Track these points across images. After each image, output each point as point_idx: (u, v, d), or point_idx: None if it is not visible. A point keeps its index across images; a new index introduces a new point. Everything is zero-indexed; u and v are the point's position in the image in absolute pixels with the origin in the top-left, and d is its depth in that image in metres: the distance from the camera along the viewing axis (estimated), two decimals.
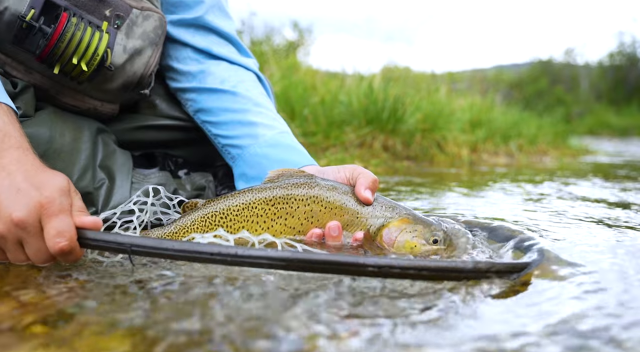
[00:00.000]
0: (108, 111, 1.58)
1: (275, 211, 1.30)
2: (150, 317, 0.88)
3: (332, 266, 1.00)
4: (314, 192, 1.30)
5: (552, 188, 3.25)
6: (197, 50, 1.68)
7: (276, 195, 1.30)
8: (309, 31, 15.23)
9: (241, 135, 1.59)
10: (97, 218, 1.09)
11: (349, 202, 1.30)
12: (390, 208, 1.30)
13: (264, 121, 1.60)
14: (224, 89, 1.64)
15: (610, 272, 1.14)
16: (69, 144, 1.45)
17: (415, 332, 0.84)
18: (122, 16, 1.44)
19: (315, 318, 0.88)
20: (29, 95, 1.39)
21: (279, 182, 1.32)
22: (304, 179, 1.32)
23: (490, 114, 7.07)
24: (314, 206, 1.29)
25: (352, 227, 1.29)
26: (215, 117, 1.64)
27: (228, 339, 0.80)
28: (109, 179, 1.50)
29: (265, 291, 1.01)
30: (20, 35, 1.32)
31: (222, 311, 0.90)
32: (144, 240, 1.05)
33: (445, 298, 0.99)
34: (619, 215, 2.09)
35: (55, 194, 1.05)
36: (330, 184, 1.32)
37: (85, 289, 1.02)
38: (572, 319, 0.89)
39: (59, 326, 0.85)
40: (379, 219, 1.29)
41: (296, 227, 1.30)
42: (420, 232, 1.26)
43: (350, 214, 1.30)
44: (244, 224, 1.30)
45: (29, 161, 1.10)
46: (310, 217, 1.29)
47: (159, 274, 1.10)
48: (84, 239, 1.06)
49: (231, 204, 1.31)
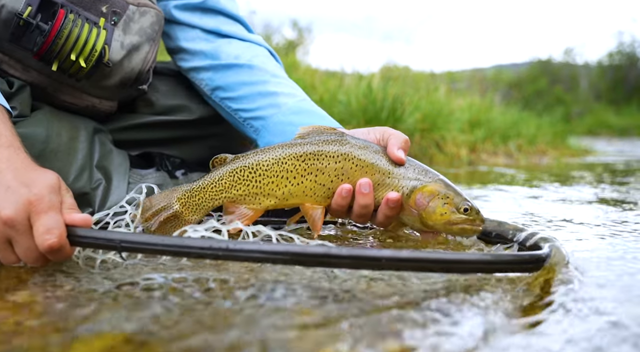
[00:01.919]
0: (106, 109, 1.57)
1: (305, 167, 1.27)
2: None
3: (328, 259, 0.97)
4: (345, 150, 1.27)
5: (550, 188, 3.24)
6: (206, 31, 1.68)
7: (307, 151, 1.28)
8: (308, 30, 15.26)
9: (263, 106, 1.57)
10: (87, 215, 1.08)
11: (380, 161, 1.28)
12: (423, 172, 1.28)
13: (285, 90, 1.59)
14: (239, 63, 1.63)
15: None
16: (65, 143, 1.44)
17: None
18: (118, 12, 1.44)
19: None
20: (25, 94, 1.39)
21: (310, 138, 1.30)
22: (335, 136, 1.29)
23: (489, 114, 7.06)
24: (345, 163, 1.27)
25: (383, 187, 1.27)
26: (234, 92, 1.62)
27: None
28: (105, 179, 1.50)
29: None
30: (17, 32, 1.31)
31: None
32: (133, 236, 1.03)
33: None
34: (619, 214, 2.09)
35: (45, 191, 1.04)
36: (362, 143, 1.29)
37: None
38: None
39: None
40: (412, 181, 1.27)
41: (326, 185, 1.27)
42: (451, 200, 1.24)
43: (382, 173, 1.27)
44: (274, 180, 1.28)
45: (19, 159, 1.10)
46: (341, 174, 1.27)
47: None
48: (74, 236, 1.05)
49: (261, 159, 1.29)
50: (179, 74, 1.78)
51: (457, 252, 1.28)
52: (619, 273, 1.18)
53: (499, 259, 1.04)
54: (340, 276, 1.08)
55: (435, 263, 0.98)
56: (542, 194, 2.94)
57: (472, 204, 1.25)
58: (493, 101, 9.15)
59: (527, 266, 1.06)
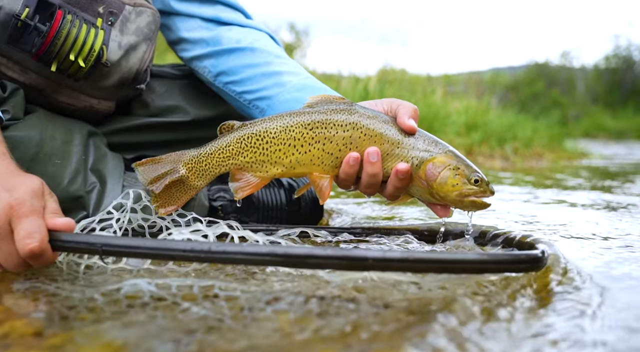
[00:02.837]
0: (104, 109, 1.57)
1: (313, 135, 1.26)
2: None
3: (312, 261, 0.94)
4: (354, 119, 1.26)
5: (548, 192, 3.25)
6: (205, 20, 1.68)
7: (315, 119, 1.26)
8: (305, 33, 15.27)
9: (268, 86, 1.57)
10: (69, 219, 1.07)
11: (389, 131, 1.26)
12: (433, 143, 1.26)
13: (288, 69, 1.58)
14: (241, 46, 1.62)
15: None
16: (59, 147, 1.44)
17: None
18: (115, 13, 1.44)
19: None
20: (18, 97, 1.39)
21: (319, 107, 1.28)
22: (344, 106, 1.28)
23: (485, 117, 7.08)
24: (354, 132, 1.25)
25: (392, 158, 1.25)
26: (238, 75, 1.62)
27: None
28: (100, 183, 1.49)
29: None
30: (15, 34, 1.31)
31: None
32: (115, 239, 1.02)
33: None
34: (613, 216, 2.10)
35: (26, 196, 1.03)
36: (371, 112, 1.28)
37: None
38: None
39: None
40: (422, 152, 1.25)
41: (334, 153, 1.26)
42: (462, 170, 1.22)
43: (391, 143, 1.25)
44: (281, 147, 1.26)
45: (2, 165, 1.09)
46: (349, 143, 1.25)
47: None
48: (56, 240, 1.03)
49: (268, 126, 1.27)
50: (175, 77, 1.79)
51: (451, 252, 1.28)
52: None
53: (495, 258, 1.00)
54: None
55: (426, 263, 0.95)
56: (537, 196, 2.94)
57: (482, 175, 1.23)
58: (490, 104, 9.18)
59: (523, 265, 1.03)
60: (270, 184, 1.77)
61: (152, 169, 1.30)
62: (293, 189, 1.77)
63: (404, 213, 2.17)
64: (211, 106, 1.77)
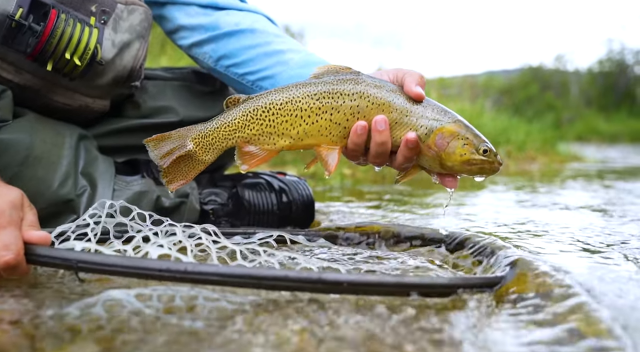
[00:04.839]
0: (99, 108, 1.58)
1: (320, 105, 1.25)
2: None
3: (290, 283, 0.96)
4: (361, 88, 1.25)
5: (541, 195, 3.26)
6: (202, 6, 1.68)
7: (321, 90, 1.25)
8: (300, 36, 15.23)
9: (270, 65, 1.56)
10: (45, 233, 1.07)
11: (397, 99, 1.25)
12: (442, 112, 1.25)
13: (290, 47, 1.58)
14: (240, 29, 1.62)
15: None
16: (50, 150, 1.44)
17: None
18: (108, 11, 1.45)
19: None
20: (6, 100, 1.38)
21: (325, 77, 1.28)
22: (351, 75, 1.27)
23: (479, 120, 7.10)
24: (361, 101, 1.24)
25: (401, 126, 1.24)
26: (239, 57, 1.61)
27: None
28: (90, 186, 1.49)
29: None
30: (9, 35, 1.31)
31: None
32: (91, 256, 1.01)
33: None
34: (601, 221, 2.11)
35: (5, 207, 1.03)
36: (378, 81, 1.27)
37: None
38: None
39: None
40: (430, 120, 1.23)
41: (342, 123, 1.25)
42: (471, 140, 1.22)
43: (399, 112, 1.24)
44: (288, 119, 1.25)
45: None
46: (357, 112, 1.24)
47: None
48: (31, 254, 1.03)
49: (275, 98, 1.26)
50: (168, 78, 1.79)
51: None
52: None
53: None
54: None
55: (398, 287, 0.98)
56: (528, 199, 2.96)
57: (491, 146, 1.23)
58: (484, 107, 9.20)
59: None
60: (261, 188, 1.78)
61: (161, 145, 1.29)
62: (285, 192, 1.78)
63: (399, 219, 2.17)
64: (202, 107, 1.78)
